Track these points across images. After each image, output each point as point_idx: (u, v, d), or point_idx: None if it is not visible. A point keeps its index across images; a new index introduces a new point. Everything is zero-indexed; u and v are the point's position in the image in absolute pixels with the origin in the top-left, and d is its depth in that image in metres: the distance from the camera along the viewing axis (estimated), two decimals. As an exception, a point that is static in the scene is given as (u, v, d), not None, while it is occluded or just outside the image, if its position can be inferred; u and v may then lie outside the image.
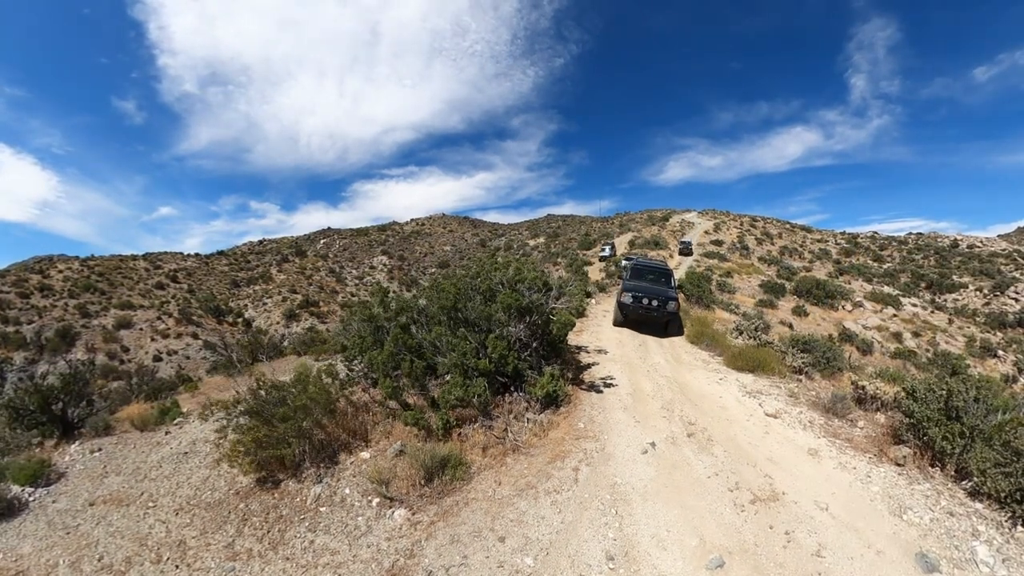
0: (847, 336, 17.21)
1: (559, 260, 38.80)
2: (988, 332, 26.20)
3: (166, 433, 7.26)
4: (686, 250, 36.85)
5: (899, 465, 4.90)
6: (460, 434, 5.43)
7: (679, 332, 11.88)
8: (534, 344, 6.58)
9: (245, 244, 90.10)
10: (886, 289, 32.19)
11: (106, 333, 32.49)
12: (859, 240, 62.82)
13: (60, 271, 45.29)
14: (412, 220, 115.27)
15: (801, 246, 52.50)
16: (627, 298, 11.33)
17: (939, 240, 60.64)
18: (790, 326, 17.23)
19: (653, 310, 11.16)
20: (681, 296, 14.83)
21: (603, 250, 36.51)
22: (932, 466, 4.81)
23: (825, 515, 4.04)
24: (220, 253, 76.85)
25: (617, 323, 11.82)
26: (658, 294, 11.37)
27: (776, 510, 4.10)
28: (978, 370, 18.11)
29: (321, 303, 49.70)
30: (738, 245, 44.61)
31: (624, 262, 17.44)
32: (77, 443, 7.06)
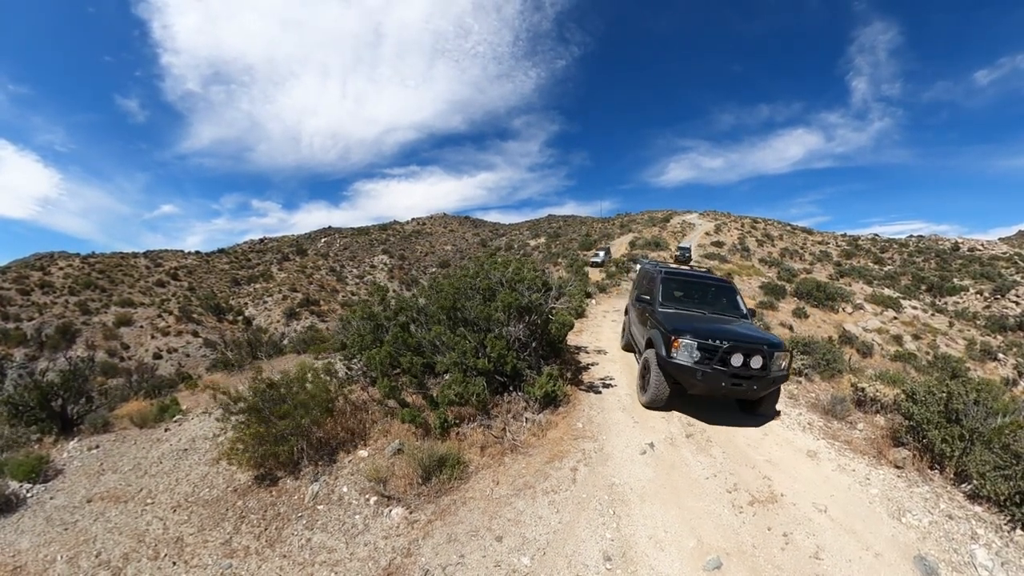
0: (847, 338, 17.18)
1: (560, 260, 38.80)
2: (988, 335, 26.17)
3: (165, 430, 7.26)
4: (684, 258, 30.15)
5: (898, 468, 4.89)
6: (458, 433, 5.43)
7: (775, 413, 6.31)
8: (533, 344, 6.58)
9: (246, 242, 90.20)
10: (886, 291, 32.16)
11: (106, 330, 32.51)
12: (860, 242, 62.78)
13: (61, 268, 45.36)
14: (413, 219, 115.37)
15: (802, 248, 52.48)
16: (686, 353, 5.56)
17: (940, 243, 60.57)
18: (790, 328, 17.23)
19: (753, 379, 5.52)
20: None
21: (597, 255, 32.73)
22: (931, 469, 4.80)
23: (824, 517, 4.03)
24: (221, 251, 76.93)
25: (656, 402, 6.05)
26: (749, 340, 5.72)
27: (774, 512, 4.09)
28: (978, 373, 18.09)
29: (321, 302, 49.71)
30: (739, 247, 44.60)
31: (645, 266, 9.77)
32: (76, 440, 7.06)
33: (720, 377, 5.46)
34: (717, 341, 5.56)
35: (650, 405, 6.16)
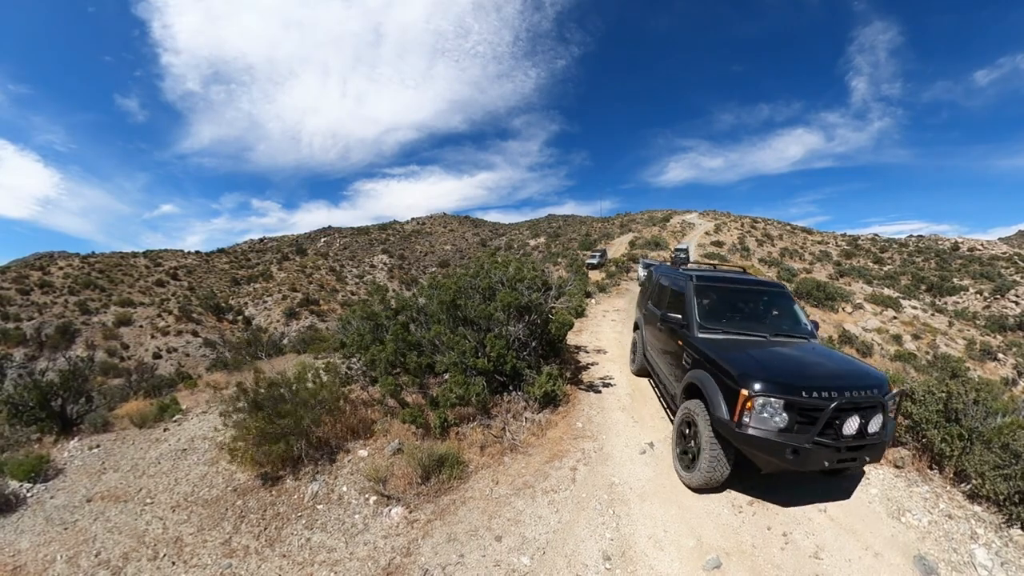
0: (847, 338, 17.19)
1: (560, 260, 38.79)
2: (988, 335, 26.17)
3: (165, 430, 7.26)
4: (681, 260, 24.78)
5: (898, 467, 4.89)
6: (458, 433, 5.43)
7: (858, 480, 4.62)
8: (533, 343, 6.58)
9: (246, 242, 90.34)
10: (886, 291, 32.17)
11: (106, 330, 32.50)
12: (860, 242, 62.80)
13: (61, 268, 45.36)
14: (413, 219, 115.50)
15: (802, 248, 52.49)
16: (766, 417, 3.58)
17: (939, 243, 60.59)
18: (790, 328, 17.22)
19: (866, 448, 3.67)
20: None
21: (593, 257, 31.61)
22: (931, 468, 4.80)
23: (823, 517, 4.03)
24: (221, 251, 77.05)
25: (710, 485, 4.15)
26: (858, 384, 3.78)
27: (774, 511, 4.08)
28: (978, 373, 18.09)
29: (321, 301, 49.69)
30: (739, 246, 44.65)
31: (661, 270, 7.57)
32: (76, 439, 7.07)
33: (823, 454, 3.50)
34: (816, 394, 3.54)
35: (702, 488, 4.18)
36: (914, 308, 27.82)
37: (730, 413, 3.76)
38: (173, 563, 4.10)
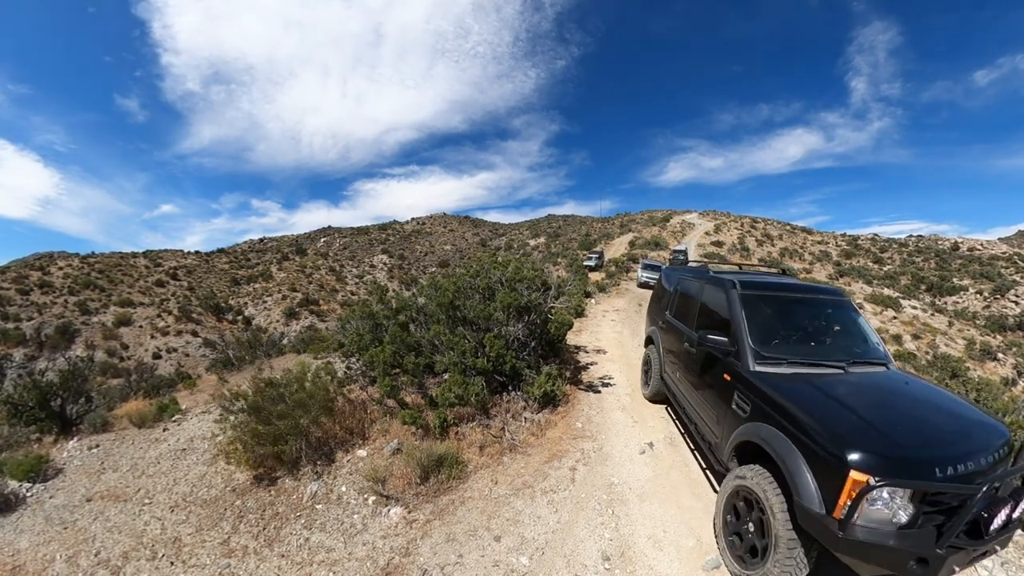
0: (847, 338, 17.20)
1: (559, 260, 38.80)
2: (988, 335, 26.17)
3: (164, 430, 7.25)
4: (680, 261, 23.71)
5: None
6: (457, 433, 5.43)
7: None
8: (532, 343, 6.58)
9: (246, 242, 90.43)
10: (886, 291, 32.17)
11: (106, 330, 32.50)
12: (859, 242, 62.80)
13: (60, 268, 45.36)
14: (413, 219, 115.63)
15: (802, 248, 52.50)
16: (883, 510, 2.38)
17: (939, 243, 60.60)
18: (790, 328, 17.20)
19: (996, 540, 2.51)
20: None
21: (589, 259, 31.57)
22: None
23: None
24: (221, 251, 77.15)
25: None
26: (986, 445, 2.65)
27: (773, 511, 4.08)
28: (978, 373, 18.08)
29: (321, 301, 49.69)
30: (739, 246, 44.68)
31: (684, 276, 5.85)
32: (75, 439, 7.06)
33: (956, 559, 2.40)
34: (951, 469, 2.46)
35: None
36: (914, 308, 27.83)
37: (826, 502, 2.49)
38: (172, 563, 4.10)
